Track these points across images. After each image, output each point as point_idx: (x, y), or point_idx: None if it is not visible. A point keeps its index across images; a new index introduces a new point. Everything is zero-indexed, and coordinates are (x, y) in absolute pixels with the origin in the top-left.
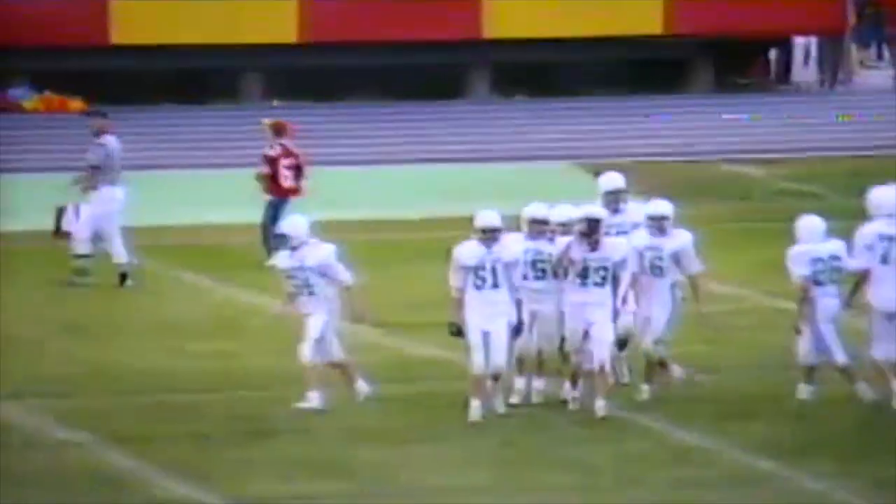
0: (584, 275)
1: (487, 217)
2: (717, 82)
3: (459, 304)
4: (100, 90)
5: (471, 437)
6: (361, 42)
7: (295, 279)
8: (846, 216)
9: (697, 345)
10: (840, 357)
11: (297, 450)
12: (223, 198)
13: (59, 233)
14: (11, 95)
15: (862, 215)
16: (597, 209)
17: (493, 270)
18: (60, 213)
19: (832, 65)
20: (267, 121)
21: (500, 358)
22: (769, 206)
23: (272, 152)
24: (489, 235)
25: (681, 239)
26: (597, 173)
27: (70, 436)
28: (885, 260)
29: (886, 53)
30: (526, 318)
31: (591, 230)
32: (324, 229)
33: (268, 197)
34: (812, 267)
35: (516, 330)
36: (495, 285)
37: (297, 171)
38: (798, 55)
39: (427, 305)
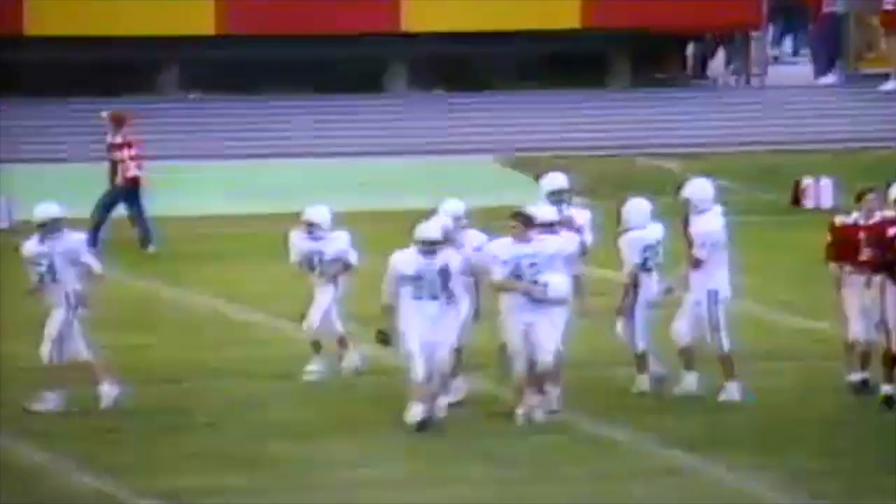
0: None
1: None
2: (634, 77)
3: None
4: (14, 80)
5: (386, 431)
6: (280, 35)
7: (40, 266)
8: (760, 211)
9: (612, 338)
10: (642, 344)
11: (211, 444)
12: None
13: None
14: None
15: (775, 210)
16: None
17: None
18: None
19: (745, 60)
20: (105, 113)
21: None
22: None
23: (115, 141)
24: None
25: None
26: (537, 176)
27: None
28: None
29: (802, 49)
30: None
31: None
32: (237, 223)
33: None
34: (643, 254)
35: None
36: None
37: (138, 161)
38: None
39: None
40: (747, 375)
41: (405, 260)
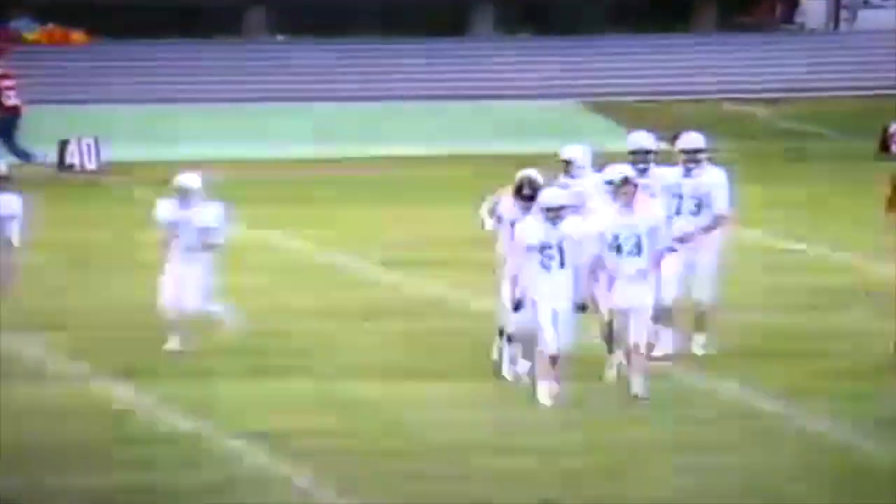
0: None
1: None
2: (721, 22)
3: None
4: (102, 23)
5: (471, 376)
6: None
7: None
8: (851, 157)
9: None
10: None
11: (300, 384)
12: (229, 132)
13: (63, 165)
14: (13, 27)
15: (863, 156)
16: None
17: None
18: (64, 146)
19: (836, 4)
20: None
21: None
22: (773, 145)
23: None
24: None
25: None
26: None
27: (73, 369)
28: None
29: None
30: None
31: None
32: (328, 164)
33: None
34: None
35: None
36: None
37: (14, 90)
38: None
39: (430, 244)
40: (845, 323)
41: (529, 229)
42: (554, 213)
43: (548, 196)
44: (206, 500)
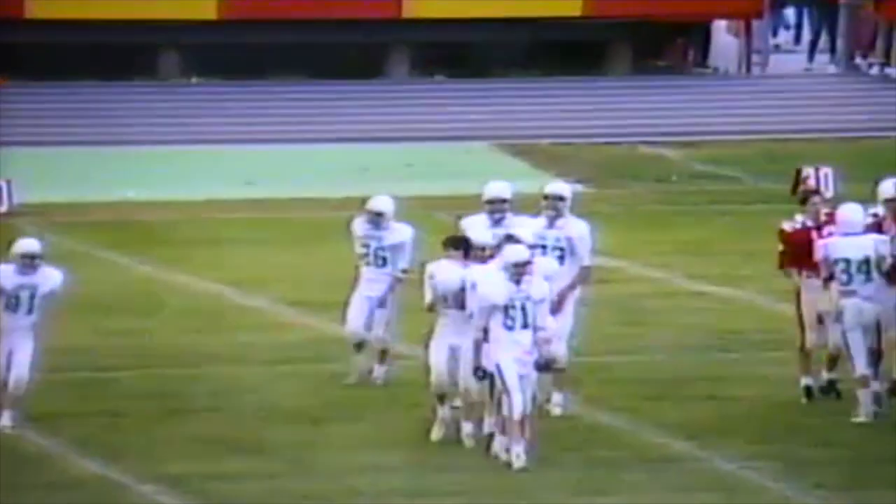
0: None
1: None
2: (635, 65)
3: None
4: (15, 64)
5: (385, 417)
6: (280, 20)
7: None
8: (765, 199)
9: (615, 326)
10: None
11: (213, 428)
12: (142, 174)
13: None
14: None
15: (777, 199)
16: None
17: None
18: None
19: (746, 49)
20: None
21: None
22: (687, 188)
23: None
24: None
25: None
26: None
27: None
28: None
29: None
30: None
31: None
32: (239, 207)
33: None
34: None
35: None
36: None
37: None
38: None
39: (344, 284)
40: (752, 364)
41: (494, 288)
42: (520, 270)
43: (514, 252)
44: None
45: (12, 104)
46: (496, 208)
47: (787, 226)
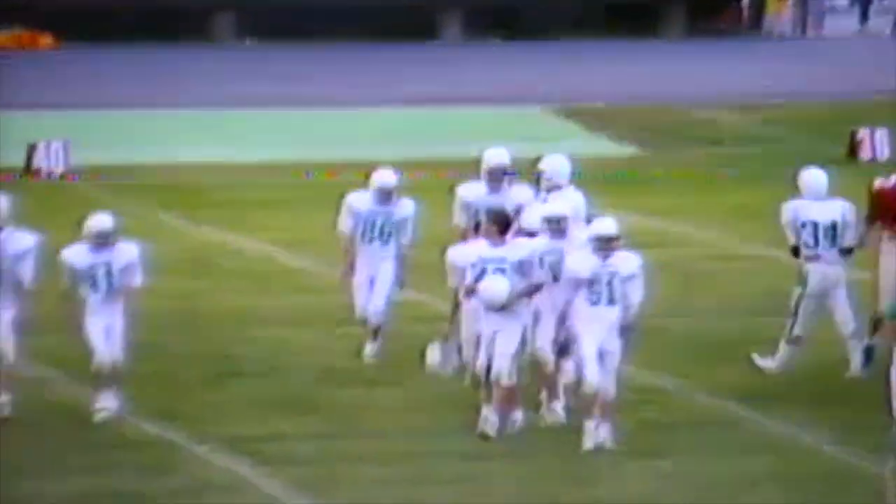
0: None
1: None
2: (690, 28)
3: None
4: (70, 27)
5: (439, 379)
6: None
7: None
8: (817, 162)
9: (668, 289)
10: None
11: (266, 390)
12: (197, 137)
13: (30, 170)
14: None
15: (831, 161)
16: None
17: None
18: (32, 150)
19: (801, 11)
20: None
21: None
22: (740, 151)
23: None
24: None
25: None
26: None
27: (41, 373)
28: None
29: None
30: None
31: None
32: (289, 169)
33: None
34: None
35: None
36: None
37: None
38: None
39: None
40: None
41: (579, 261)
42: (608, 244)
43: (602, 226)
44: None
45: (67, 67)
46: (496, 176)
47: (878, 183)
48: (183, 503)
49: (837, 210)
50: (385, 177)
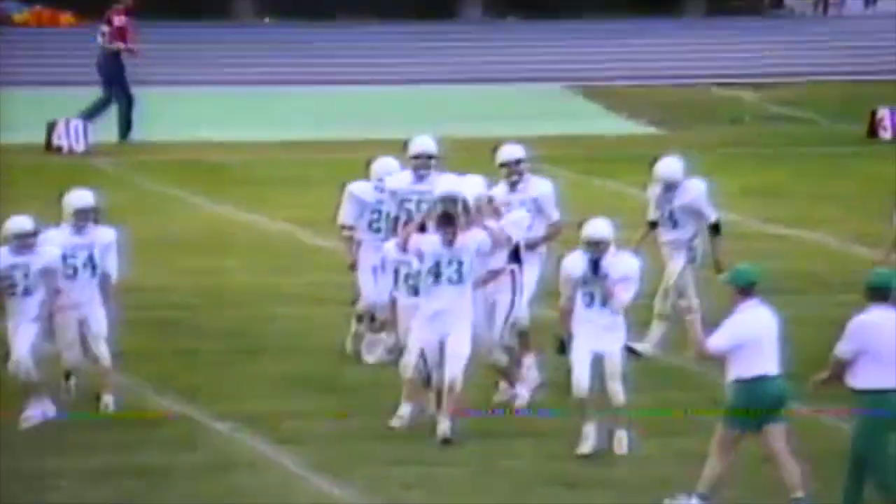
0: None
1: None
2: (710, 5)
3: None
4: (90, 4)
5: None
6: None
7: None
8: (840, 141)
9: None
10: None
11: (286, 367)
12: (218, 115)
13: (50, 147)
14: (1, 8)
15: (852, 141)
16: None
17: None
18: (52, 127)
19: None
20: None
21: None
22: (761, 130)
23: None
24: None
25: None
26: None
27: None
28: None
29: None
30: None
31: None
32: (310, 148)
33: None
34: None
35: None
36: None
37: None
38: None
39: None
40: (825, 306)
41: (573, 261)
42: (596, 248)
43: (592, 228)
44: (196, 482)
45: (86, 45)
46: (421, 164)
47: None
48: (205, 480)
49: None
50: (387, 164)
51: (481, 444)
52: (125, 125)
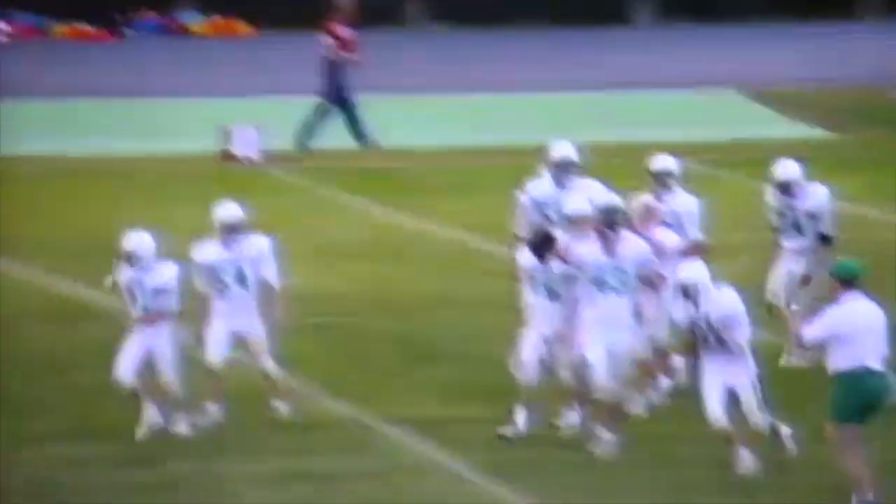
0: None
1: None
2: (889, 9)
3: None
4: (268, 15)
5: None
6: None
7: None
8: None
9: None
10: None
11: (456, 373)
12: (385, 122)
13: (226, 155)
14: (180, 18)
15: None
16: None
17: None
18: (227, 136)
19: None
20: None
21: None
22: None
23: None
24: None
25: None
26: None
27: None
28: None
29: None
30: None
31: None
32: (487, 154)
33: None
34: None
35: None
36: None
37: None
38: None
39: None
40: None
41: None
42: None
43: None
44: (364, 486)
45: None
46: (563, 170)
47: None
48: (373, 484)
49: None
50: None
51: (648, 448)
52: (358, 132)
